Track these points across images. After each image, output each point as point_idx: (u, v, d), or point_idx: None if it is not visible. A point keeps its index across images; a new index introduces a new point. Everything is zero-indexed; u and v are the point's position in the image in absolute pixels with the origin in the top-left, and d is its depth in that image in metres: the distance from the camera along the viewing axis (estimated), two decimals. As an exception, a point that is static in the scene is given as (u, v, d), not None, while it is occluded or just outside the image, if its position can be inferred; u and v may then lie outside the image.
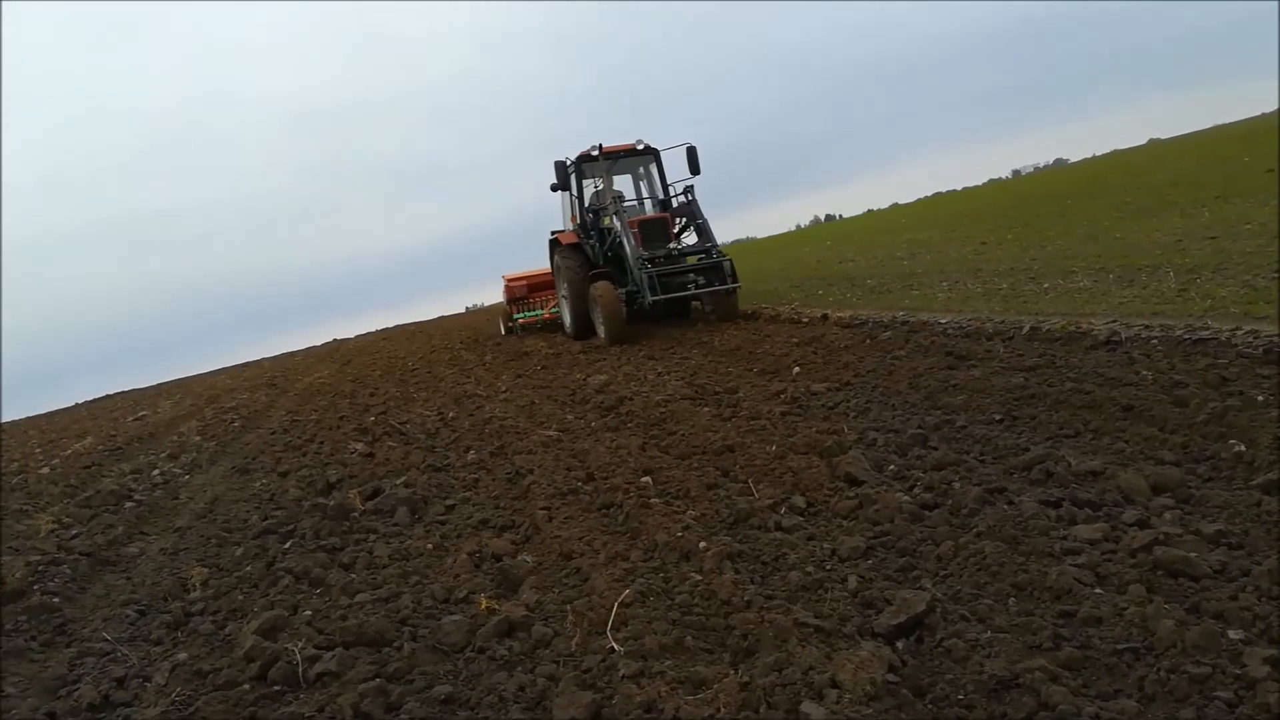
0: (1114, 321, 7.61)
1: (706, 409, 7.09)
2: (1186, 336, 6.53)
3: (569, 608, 3.59)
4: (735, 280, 12.88)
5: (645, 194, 15.85)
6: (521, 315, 18.47)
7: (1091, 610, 2.84)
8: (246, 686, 3.36)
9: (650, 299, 12.37)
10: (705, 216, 13.75)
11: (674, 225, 14.27)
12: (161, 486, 8.34)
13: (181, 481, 8.51)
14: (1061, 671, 2.56)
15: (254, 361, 42.32)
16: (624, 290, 13.26)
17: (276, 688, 3.34)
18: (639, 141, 14.90)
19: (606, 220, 14.23)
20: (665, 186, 15.15)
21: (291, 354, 42.25)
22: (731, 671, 2.84)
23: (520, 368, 12.54)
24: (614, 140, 15.07)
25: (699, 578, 3.64)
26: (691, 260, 13.27)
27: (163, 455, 10.41)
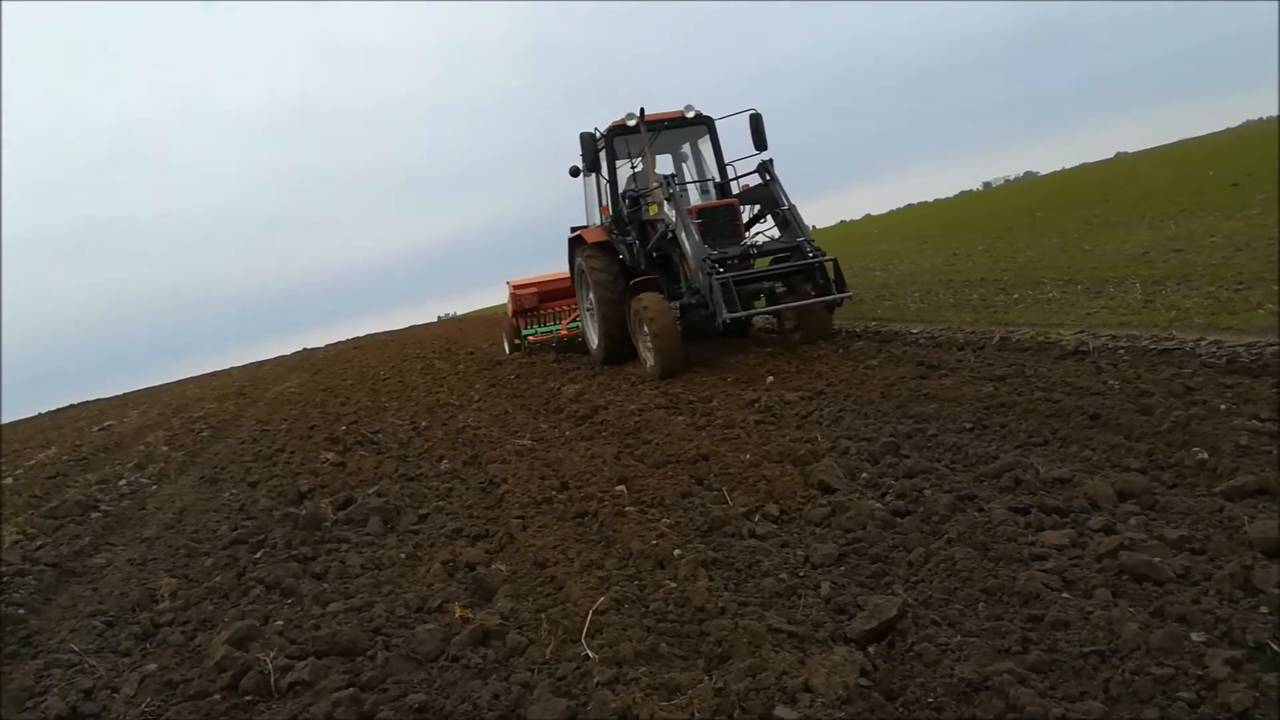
0: (1082, 332, 7.73)
1: (681, 418, 7.11)
2: (1152, 347, 6.64)
3: (543, 616, 3.59)
4: (844, 288, 9.35)
5: (692, 176, 12.21)
6: (531, 331, 14.90)
7: (1059, 614, 2.88)
8: (217, 697, 3.33)
9: (727, 316, 8.71)
10: (793, 202, 10.15)
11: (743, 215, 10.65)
12: (129, 497, 8.24)
13: (149, 492, 8.41)
14: (1029, 674, 2.59)
15: (223, 371, 41.91)
16: (677, 303, 9.82)
17: (248, 698, 3.31)
18: (689, 108, 11.31)
19: (652, 209, 10.51)
20: (723, 166, 11.50)
21: (261, 363, 41.89)
22: (706, 677, 2.85)
23: (494, 377, 12.51)
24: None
25: (673, 585, 3.65)
26: (761, 262, 9.89)
27: (130, 465, 10.28)
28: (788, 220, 10.12)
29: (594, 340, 11.89)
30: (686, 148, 12.26)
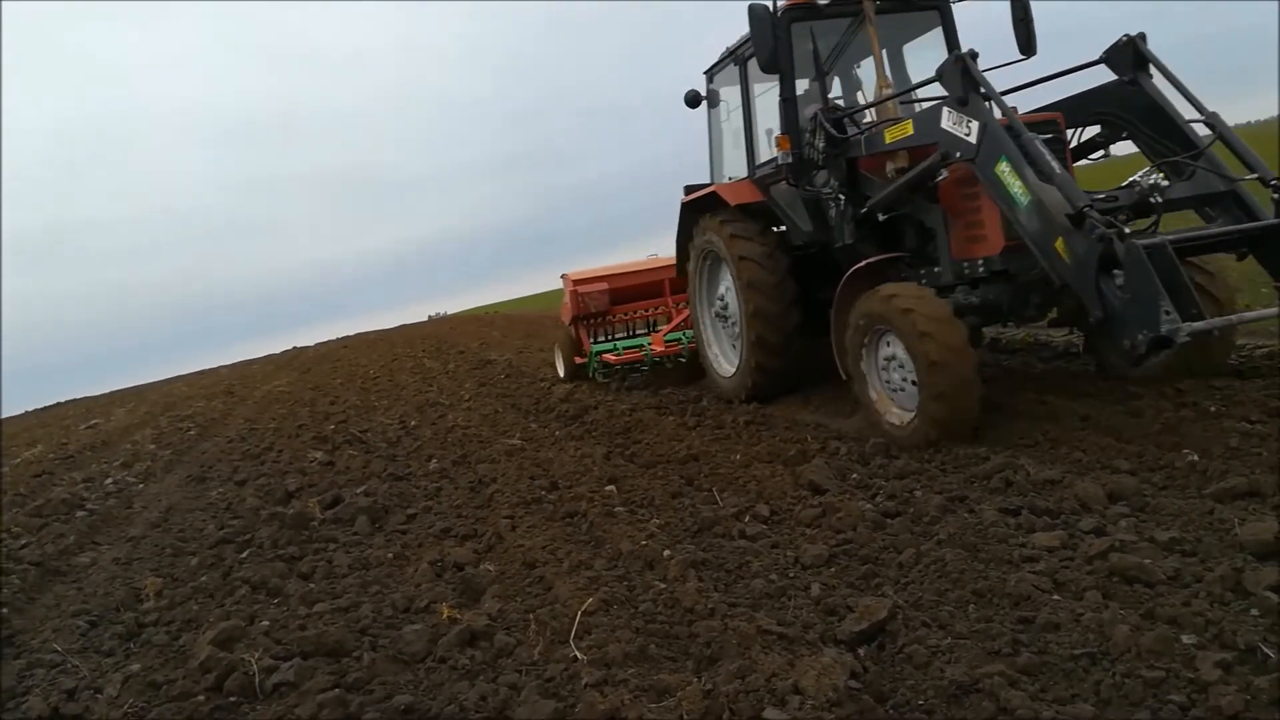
0: (1071, 333, 7.74)
1: (671, 418, 7.09)
2: (1141, 349, 6.63)
3: (532, 617, 3.56)
4: None
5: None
6: (608, 347, 9.77)
7: (1049, 616, 2.87)
8: (201, 698, 3.30)
9: (1186, 326, 3.98)
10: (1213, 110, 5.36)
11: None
12: (114, 495, 8.17)
13: (135, 490, 8.34)
14: (1020, 676, 2.58)
15: (211, 369, 41.71)
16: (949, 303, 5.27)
17: (232, 699, 3.28)
18: None
19: (895, 130, 5.78)
20: None
21: (250, 362, 41.70)
22: (695, 679, 2.84)
23: (483, 376, 12.48)
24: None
25: (663, 586, 3.63)
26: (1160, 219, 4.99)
27: (116, 464, 10.19)
28: (1200, 146, 5.24)
29: (726, 363, 7.75)
30: (865, 66, 7.34)
